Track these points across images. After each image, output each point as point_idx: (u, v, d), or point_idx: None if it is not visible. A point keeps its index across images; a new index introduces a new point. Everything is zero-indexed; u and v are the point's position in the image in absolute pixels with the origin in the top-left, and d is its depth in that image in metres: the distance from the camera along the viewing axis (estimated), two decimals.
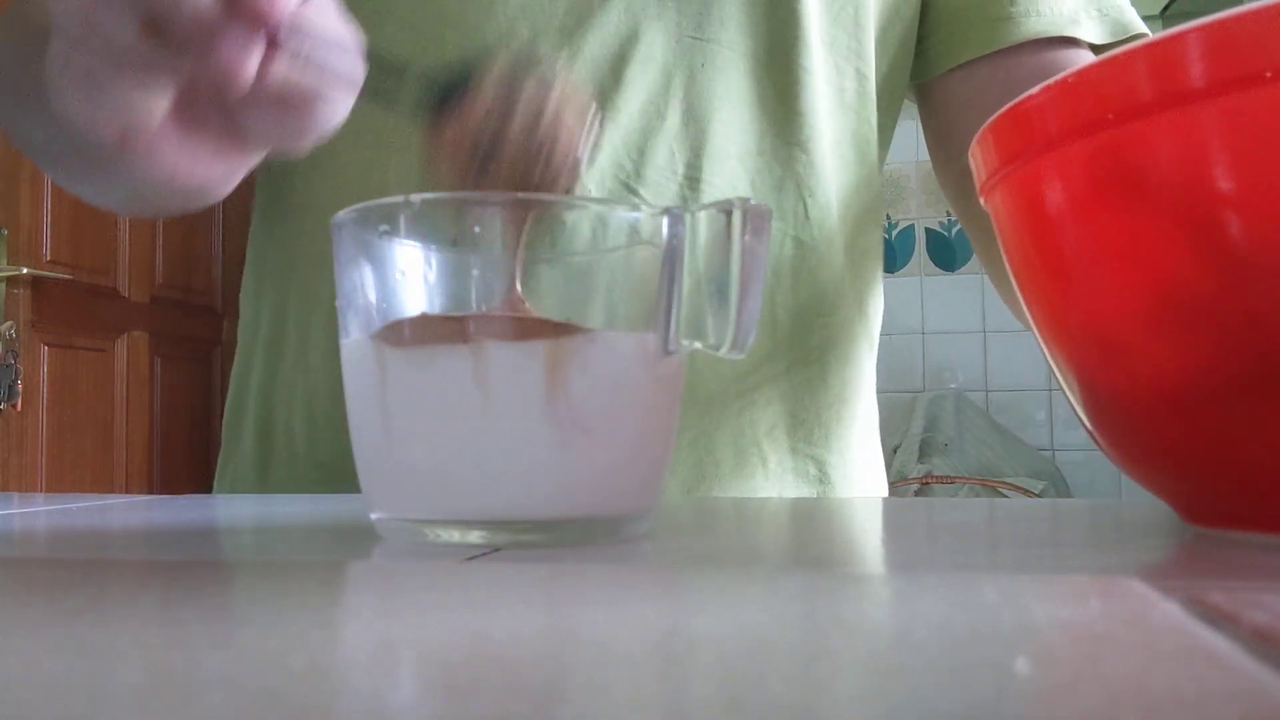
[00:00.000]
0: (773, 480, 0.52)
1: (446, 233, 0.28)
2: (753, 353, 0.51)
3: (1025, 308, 0.29)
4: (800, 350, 0.53)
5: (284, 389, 0.54)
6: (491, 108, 0.31)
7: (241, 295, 0.60)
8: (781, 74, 0.51)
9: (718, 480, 0.51)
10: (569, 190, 0.31)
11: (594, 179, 0.48)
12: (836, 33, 0.53)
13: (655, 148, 0.49)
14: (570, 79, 0.33)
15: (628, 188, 0.49)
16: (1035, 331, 0.29)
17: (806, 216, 0.52)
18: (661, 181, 0.49)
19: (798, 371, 0.53)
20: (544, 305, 0.29)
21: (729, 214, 0.27)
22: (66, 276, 1.96)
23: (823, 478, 0.54)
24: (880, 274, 0.60)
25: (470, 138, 0.31)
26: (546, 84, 0.31)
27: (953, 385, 2.14)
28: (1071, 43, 0.55)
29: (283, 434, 0.54)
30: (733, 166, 0.51)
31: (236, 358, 0.60)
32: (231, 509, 0.40)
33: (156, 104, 0.30)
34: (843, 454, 0.55)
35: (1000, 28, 0.55)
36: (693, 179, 0.50)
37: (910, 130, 0.64)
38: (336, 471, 0.51)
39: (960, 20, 0.56)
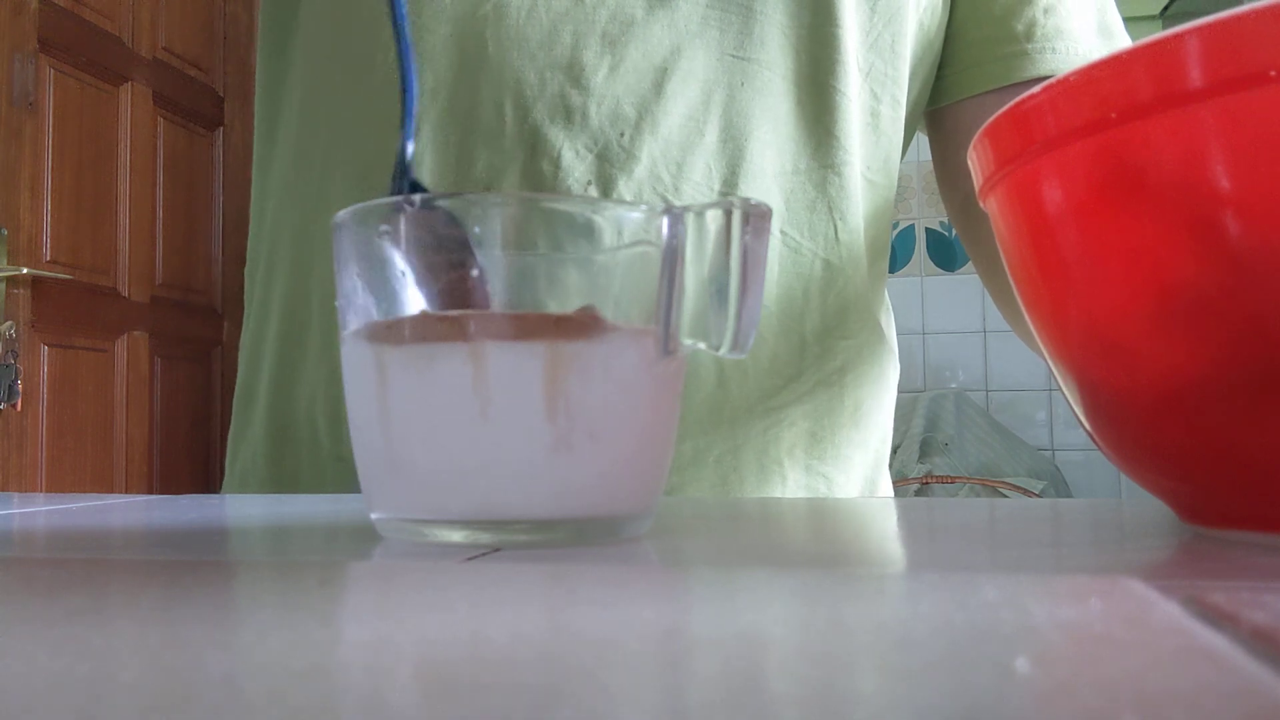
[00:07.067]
0: (789, 496, 0.53)
1: (446, 232, 0.28)
2: (780, 373, 0.52)
3: (1024, 310, 0.29)
4: (824, 371, 0.54)
5: (306, 382, 0.54)
6: None
7: (247, 273, 0.60)
8: (819, 97, 0.52)
9: (740, 496, 0.52)
10: None
11: (631, 191, 0.49)
12: (874, 60, 0.53)
13: (693, 163, 0.50)
14: None
15: (664, 201, 0.49)
16: (1034, 333, 0.29)
17: (837, 239, 0.53)
18: (697, 197, 0.50)
19: (821, 392, 0.54)
20: (543, 305, 0.29)
21: (729, 213, 0.27)
22: (66, 276, 1.96)
23: (831, 495, 0.54)
24: (886, 293, 0.61)
25: None
26: None
27: (953, 385, 2.14)
28: None
29: (304, 426, 0.54)
30: (768, 185, 0.51)
31: (245, 340, 0.60)
32: (231, 509, 0.40)
33: None
34: (848, 472, 0.56)
35: (1015, 63, 0.56)
36: (728, 196, 0.50)
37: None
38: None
39: (977, 53, 0.57)
